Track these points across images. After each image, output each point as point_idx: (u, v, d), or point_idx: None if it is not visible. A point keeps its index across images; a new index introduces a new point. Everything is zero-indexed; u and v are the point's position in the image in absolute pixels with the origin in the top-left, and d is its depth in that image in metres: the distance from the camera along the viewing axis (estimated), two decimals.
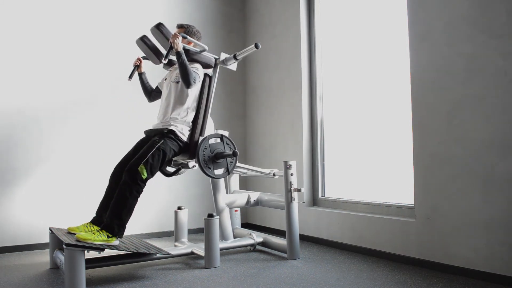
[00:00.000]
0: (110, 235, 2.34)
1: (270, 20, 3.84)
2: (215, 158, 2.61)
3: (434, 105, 2.51)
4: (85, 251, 2.21)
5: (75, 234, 2.47)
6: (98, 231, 2.34)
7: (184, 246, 2.85)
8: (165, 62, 2.54)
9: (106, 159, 3.44)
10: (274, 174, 2.91)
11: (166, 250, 2.60)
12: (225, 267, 2.60)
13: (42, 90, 3.24)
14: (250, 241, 2.97)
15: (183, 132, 2.64)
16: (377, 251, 2.80)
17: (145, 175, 2.43)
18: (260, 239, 3.00)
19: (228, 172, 2.67)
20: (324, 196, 3.39)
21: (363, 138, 3.15)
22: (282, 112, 3.67)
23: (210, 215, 2.60)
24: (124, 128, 3.54)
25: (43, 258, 2.91)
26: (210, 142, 2.63)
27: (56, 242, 2.63)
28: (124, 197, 2.38)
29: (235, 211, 3.33)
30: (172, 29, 3.27)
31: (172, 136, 2.59)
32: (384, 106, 3.00)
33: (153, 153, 2.48)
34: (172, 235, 3.64)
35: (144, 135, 2.80)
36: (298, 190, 2.77)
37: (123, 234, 2.41)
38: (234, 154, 2.52)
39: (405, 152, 2.81)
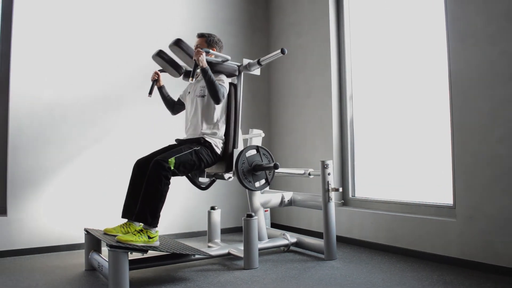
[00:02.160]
0: (151, 236, 2.30)
1: (296, 18, 3.80)
2: (254, 171, 2.57)
3: (476, 104, 2.48)
4: (128, 253, 2.17)
5: (111, 235, 2.44)
6: (139, 232, 2.29)
7: (218, 247, 2.81)
8: (192, 81, 2.48)
9: (133, 159, 3.39)
10: (309, 174, 2.88)
11: (205, 251, 2.56)
12: (264, 268, 2.56)
13: (70, 88, 3.19)
14: (285, 242, 2.94)
15: (218, 146, 2.60)
16: (415, 251, 2.77)
17: (172, 166, 2.35)
18: (294, 240, 2.97)
19: (268, 183, 2.63)
20: (354, 196, 3.36)
21: (394, 138, 3.13)
22: (309, 111, 3.64)
23: (249, 215, 2.56)
24: (154, 128, 3.50)
25: (77, 259, 2.86)
26: (247, 155, 2.58)
27: (92, 243, 2.58)
28: (153, 184, 2.31)
29: (265, 211, 3.30)
30: (195, 29, 3.25)
31: (209, 148, 2.55)
32: (417, 105, 2.97)
33: (187, 153, 2.44)
34: (200, 235, 3.62)
35: (175, 143, 2.74)
36: (336, 189, 2.73)
37: (157, 223, 2.33)
38: (276, 167, 2.47)
39: (440, 151, 2.79)
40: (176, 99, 2.89)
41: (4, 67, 3.09)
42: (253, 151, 2.62)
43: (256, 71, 2.77)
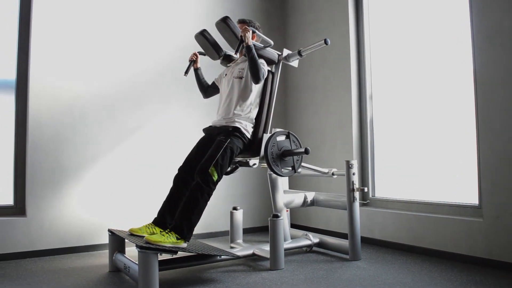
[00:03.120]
0: (179, 237, 2.27)
1: (313, 17, 3.78)
2: (283, 156, 2.55)
3: (503, 104, 2.47)
4: (158, 254, 2.14)
5: (137, 235, 2.42)
6: (167, 232, 2.27)
7: (241, 248, 2.79)
8: (236, 56, 2.46)
9: (155, 159, 3.38)
10: (333, 174, 2.86)
11: (231, 252, 2.54)
12: (290, 269, 2.54)
13: (89, 86, 3.15)
14: (308, 242, 2.92)
15: (247, 129, 2.58)
16: (439, 251, 2.75)
17: (216, 177, 2.37)
18: (316, 240, 2.95)
19: (294, 170, 2.60)
20: (374, 196, 3.34)
21: (415, 137, 3.11)
22: (328, 111, 3.62)
23: (275, 216, 2.54)
24: (174, 126, 3.48)
25: (99, 260, 2.83)
26: (277, 139, 2.56)
27: (116, 244, 2.55)
28: (195, 200, 2.32)
29: (286, 211, 3.27)
30: (211, 27, 3.21)
31: (238, 134, 2.53)
32: (439, 104, 2.95)
33: (222, 154, 2.41)
34: (218, 235, 3.60)
35: (203, 134, 2.73)
36: (362, 189, 2.72)
37: (191, 237, 2.34)
38: (306, 152, 2.45)
39: (462, 151, 2.77)
40: (210, 83, 2.90)
41: (23, 66, 3.06)
42: (283, 137, 2.60)
43: (294, 63, 2.77)
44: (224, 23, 2.55)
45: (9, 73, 3.06)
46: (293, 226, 3.86)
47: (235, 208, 3.00)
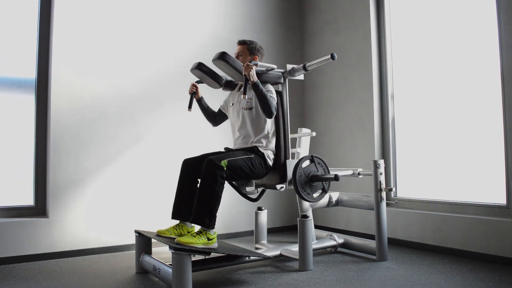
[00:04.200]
0: (210, 237, 2.25)
1: (332, 16, 3.76)
2: (311, 182, 2.51)
3: None
4: (191, 255, 2.11)
5: (165, 237, 2.39)
6: (198, 233, 2.24)
7: (266, 248, 2.76)
8: (245, 98, 2.42)
9: (176, 159, 3.32)
10: (359, 174, 2.84)
11: (261, 253, 2.52)
12: (319, 270, 2.51)
13: (109, 86, 3.13)
14: (333, 243, 2.89)
15: (270, 157, 2.54)
16: (467, 252, 2.73)
17: (225, 167, 2.28)
18: (341, 240, 2.92)
19: (325, 192, 2.57)
20: (396, 196, 3.32)
21: (437, 137, 3.09)
22: (348, 110, 3.60)
23: (304, 216, 2.52)
24: (195, 126, 3.44)
25: (124, 261, 2.80)
26: (302, 166, 2.51)
27: (143, 245, 2.52)
28: (208, 184, 2.25)
29: None
30: (230, 27, 3.20)
31: (261, 157, 2.48)
32: (463, 103, 2.93)
33: (241, 159, 2.38)
34: (239, 236, 3.58)
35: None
36: (390, 189, 2.70)
37: (214, 224, 2.28)
38: (336, 179, 2.42)
39: (488, 149, 2.76)
40: (216, 110, 2.80)
41: (43, 64, 3.02)
42: (308, 162, 2.55)
43: (300, 76, 2.70)
44: (222, 60, 2.42)
45: (24, 71, 3.02)
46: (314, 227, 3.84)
47: (259, 209, 2.98)
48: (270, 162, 2.53)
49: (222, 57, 2.41)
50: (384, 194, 2.71)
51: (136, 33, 3.26)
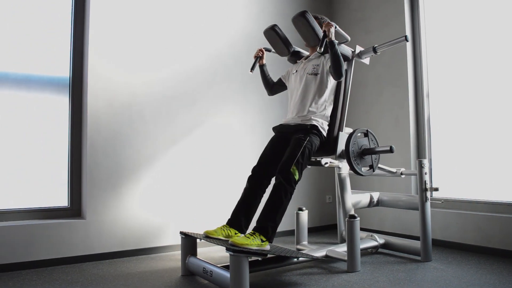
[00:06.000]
0: (263, 239, 2.21)
1: (363, 15, 3.73)
2: (362, 155, 2.49)
3: None
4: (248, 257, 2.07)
5: (213, 237, 2.34)
6: (252, 235, 2.19)
7: (309, 249, 2.72)
8: (321, 51, 2.40)
9: (212, 158, 3.31)
10: (401, 173, 2.81)
11: (310, 254, 2.48)
12: (367, 271, 2.48)
13: (145, 84, 3.07)
14: (374, 243, 2.86)
15: (324, 127, 2.53)
16: (510, 252, 2.72)
17: (297, 176, 2.31)
18: (382, 241, 2.90)
19: (373, 169, 2.55)
20: (431, 196, 3.30)
21: (475, 136, 3.07)
22: (381, 109, 3.57)
23: (352, 216, 2.48)
24: (229, 123, 3.42)
25: (166, 263, 2.76)
26: (357, 137, 2.51)
27: (189, 247, 2.47)
28: (279, 199, 2.26)
29: None
30: (261, 23, 3.16)
31: (315, 132, 2.47)
32: (504, 101, 2.92)
33: (302, 152, 2.36)
34: (276, 237, 3.45)
35: (273, 133, 2.67)
36: (436, 189, 2.67)
37: (273, 238, 2.27)
38: (391, 150, 2.40)
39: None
40: (276, 80, 2.86)
41: (77, 63, 2.96)
42: (362, 135, 2.55)
43: (366, 60, 2.71)
44: (303, 18, 2.48)
45: (57, 69, 2.95)
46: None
47: (300, 209, 2.94)
48: (324, 133, 2.53)
49: (303, 14, 2.49)
50: (429, 194, 2.68)
51: (172, 30, 3.20)
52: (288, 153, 2.36)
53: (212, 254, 2.95)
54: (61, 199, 2.91)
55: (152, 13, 3.13)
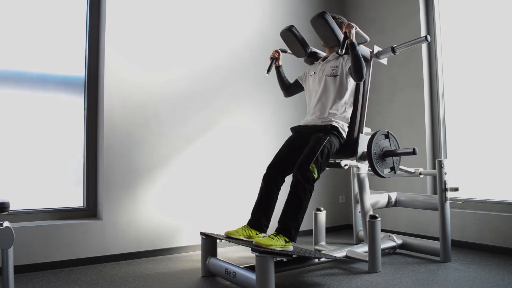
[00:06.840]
0: (287, 240, 2.19)
1: (377, 15, 3.72)
2: (384, 157, 2.48)
3: None
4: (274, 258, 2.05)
5: (235, 238, 2.32)
6: (276, 235, 2.17)
7: (328, 250, 2.71)
8: (342, 53, 2.38)
9: (228, 158, 3.29)
10: (420, 174, 2.80)
11: (331, 254, 2.46)
12: (388, 271, 2.47)
13: (160, 85, 3.04)
14: (392, 244, 2.85)
15: (344, 129, 2.50)
16: None
17: (316, 175, 2.28)
18: (400, 241, 2.88)
19: (394, 171, 2.54)
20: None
21: (491, 136, 3.06)
22: (395, 110, 3.55)
23: (373, 217, 2.47)
24: (244, 124, 3.40)
25: (185, 264, 2.73)
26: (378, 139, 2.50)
27: (209, 247, 2.45)
28: (299, 198, 2.23)
29: (358, 212, 3.20)
30: (275, 23, 3.16)
31: (336, 133, 2.45)
32: None
33: (322, 151, 2.33)
34: None
35: (291, 133, 2.65)
36: (456, 189, 2.66)
37: (296, 238, 2.25)
38: (414, 152, 2.38)
39: None
40: (292, 81, 2.84)
41: (93, 63, 2.92)
42: (383, 137, 2.53)
43: (384, 60, 2.69)
44: (322, 19, 2.44)
45: (72, 69, 2.92)
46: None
47: (318, 209, 2.92)
48: (344, 134, 2.50)
49: (322, 15, 2.44)
50: (448, 194, 2.67)
51: (187, 31, 3.17)
52: (307, 151, 2.34)
53: (229, 255, 2.93)
54: (77, 200, 2.89)
55: (167, 12, 3.11)
